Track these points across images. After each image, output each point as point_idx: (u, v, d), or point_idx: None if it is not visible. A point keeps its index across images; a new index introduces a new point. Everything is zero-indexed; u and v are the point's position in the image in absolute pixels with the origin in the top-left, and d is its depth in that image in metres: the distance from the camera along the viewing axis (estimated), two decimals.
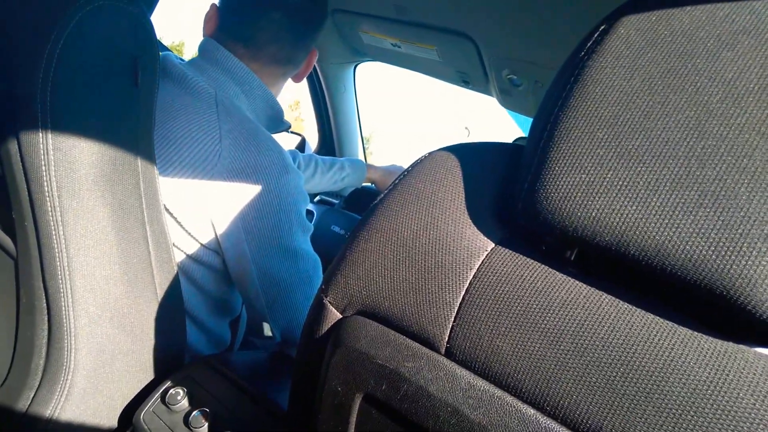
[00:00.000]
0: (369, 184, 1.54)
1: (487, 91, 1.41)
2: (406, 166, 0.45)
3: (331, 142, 1.92)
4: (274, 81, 0.92)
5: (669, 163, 0.30)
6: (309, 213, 1.59)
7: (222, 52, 0.85)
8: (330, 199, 1.72)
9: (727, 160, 0.28)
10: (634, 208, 0.30)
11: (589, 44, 0.36)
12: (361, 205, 1.62)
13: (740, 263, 0.27)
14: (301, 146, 1.80)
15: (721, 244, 0.28)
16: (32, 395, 0.61)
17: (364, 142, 2.00)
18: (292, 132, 1.75)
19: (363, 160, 1.94)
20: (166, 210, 0.75)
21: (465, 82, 1.42)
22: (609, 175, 0.31)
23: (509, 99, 1.35)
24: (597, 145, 0.32)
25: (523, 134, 1.60)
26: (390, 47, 1.41)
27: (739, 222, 0.27)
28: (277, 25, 0.85)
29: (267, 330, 1.32)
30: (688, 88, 0.31)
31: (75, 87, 0.57)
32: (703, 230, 0.28)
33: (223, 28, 0.87)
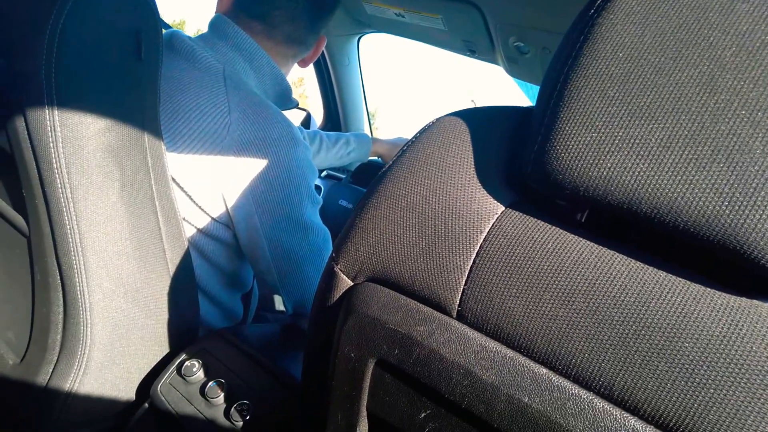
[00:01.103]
0: (375, 157, 1.53)
1: (493, 60, 1.39)
2: (410, 138, 0.44)
3: (336, 116, 1.91)
4: (284, 61, 0.92)
5: (681, 119, 0.29)
6: (316, 188, 1.59)
7: (233, 27, 0.85)
8: (337, 174, 1.72)
9: (741, 115, 0.28)
10: (647, 165, 0.30)
11: (599, 1, 0.35)
12: (368, 179, 1.61)
13: (754, 217, 0.27)
14: (307, 122, 1.79)
15: (734, 198, 0.27)
16: (51, 370, 0.62)
17: (370, 116, 1.99)
18: (297, 107, 1.74)
19: (369, 134, 1.93)
20: (177, 184, 0.76)
21: (471, 51, 1.40)
22: (621, 133, 0.31)
23: (516, 67, 1.33)
24: (608, 103, 0.32)
25: (532, 103, 1.57)
26: (394, 17, 1.39)
27: (754, 176, 0.27)
28: (294, 5, 0.85)
29: (279, 304, 1.33)
30: (700, 43, 0.30)
31: (79, 62, 0.57)
32: (716, 186, 0.28)
33: (241, 4, 0.87)
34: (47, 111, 0.55)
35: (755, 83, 0.28)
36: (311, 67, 1.82)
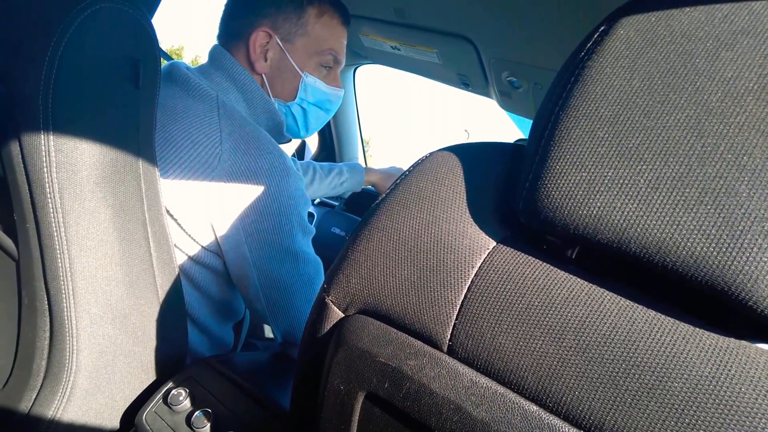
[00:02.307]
0: (369, 186, 1.54)
1: (486, 94, 1.42)
2: (404, 168, 0.45)
3: (331, 145, 1.92)
4: (261, 81, 0.91)
5: (669, 161, 0.30)
6: (309, 215, 1.59)
7: (228, 59, 0.87)
8: (330, 202, 1.72)
9: (727, 158, 0.29)
10: (635, 205, 0.30)
11: (588, 45, 0.36)
12: (361, 207, 1.62)
13: (741, 259, 0.27)
14: (301, 150, 1.80)
15: (722, 240, 0.28)
16: (34, 396, 0.61)
17: (364, 145, 2.00)
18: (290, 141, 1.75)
19: (363, 163, 1.94)
20: (167, 212, 0.75)
21: (465, 84, 1.43)
22: (610, 173, 0.31)
23: (509, 101, 1.35)
24: (598, 144, 0.32)
25: (524, 136, 1.60)
26: (390, 50, 1.41)
27: (740, 219, 0.28)
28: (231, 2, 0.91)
29: (268, 332, 1.31)
30: (687, 88, 0.31)
31: (76, 89, 0.57)
32: (703, 227, 0.28)
33: (219, 30, 0.92)
34: (42, 136, 0.56)
35: (740, 128, 0.29)
36: None
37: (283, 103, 0.95)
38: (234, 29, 0.89)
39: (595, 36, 0.36)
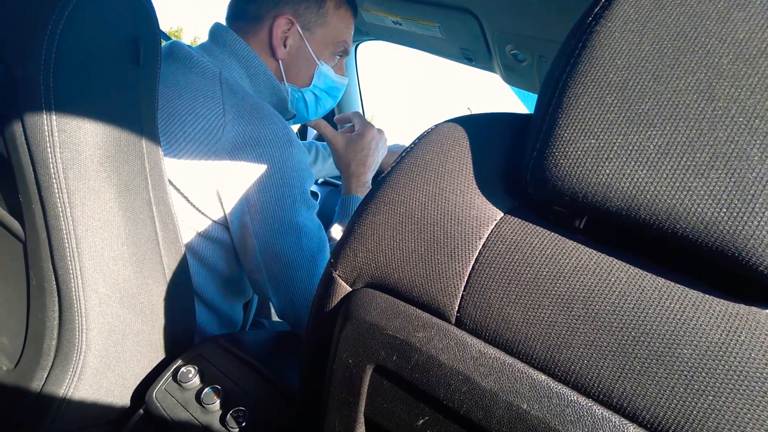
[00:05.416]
0: None
1: (490, 68, 1.40)
2: (408, 145, 0.44)
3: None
4: (266, 57, 0.92)
5: (680, 126, 0.29)
6: (313, 194, 1.58)
7: (230, 35, 0.88)
8: (334, 180, 1.72)
9: (739, 122, 0.28)
10: (645, 171, 0.30)
11: (596, 9, 0.35)
12: None
13: (752, 224, 0.27)
14: (304, 129, 1.79)
15: (733, 205, 0.27)
16: (46, 375, 0.62)
17: None
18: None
19: None
20: (173, 186, 0.76)
21: (468, 59, 1.41)
22: (619, 140, 0.31)
23: (513, 75, 1.33)
24: (606, 110, 0.32)
25: (529, 112, 1.58)
26: (391, 25, 1.39)
27: (752, 183, 0.27)
28: None
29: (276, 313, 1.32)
30: (698, 50, 0.30)
31: (77, 68, 0.57)
32: (714, 192, 0.28)
33: (228, 10, 0.92)
34: (45, 116, 0.55)
35: (752, 90, 0.28)
36: None
37: (297, 88, 0.97)
38: (251, 11, 0.90)
39: (603, 0, 0.35)
